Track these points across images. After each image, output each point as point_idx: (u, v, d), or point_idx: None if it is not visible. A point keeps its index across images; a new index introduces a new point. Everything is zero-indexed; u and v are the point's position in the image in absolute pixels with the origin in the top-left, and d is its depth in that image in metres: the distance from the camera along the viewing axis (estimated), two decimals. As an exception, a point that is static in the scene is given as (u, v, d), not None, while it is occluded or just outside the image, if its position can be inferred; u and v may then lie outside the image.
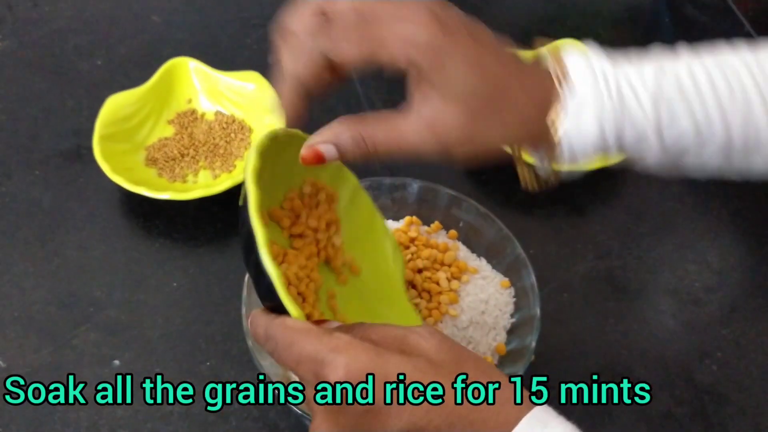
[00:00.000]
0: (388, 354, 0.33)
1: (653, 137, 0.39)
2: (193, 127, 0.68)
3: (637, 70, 0.38)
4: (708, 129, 0.38)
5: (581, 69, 0.39)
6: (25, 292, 0.59)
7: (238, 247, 0.61)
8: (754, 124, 0.39)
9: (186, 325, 0.57)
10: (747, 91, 0.38)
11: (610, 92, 0.38)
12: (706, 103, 0.38)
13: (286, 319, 0.36)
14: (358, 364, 0.32)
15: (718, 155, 0.40)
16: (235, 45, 0.78)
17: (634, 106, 0.38)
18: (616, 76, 0.38)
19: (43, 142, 0.69)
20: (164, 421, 0.53)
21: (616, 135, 0.39)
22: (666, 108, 0.38)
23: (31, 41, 0.78)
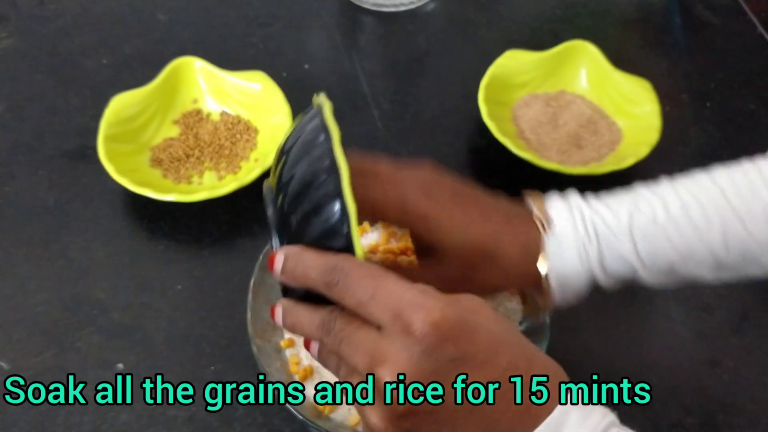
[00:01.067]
0: (477, 315, 0.33)
1: (638, 264, 0.43)
2: (198, 128, 0.68)
3: (612, 209, 0.43)
4: (690, 252, 0.42)
5: (562, 214, 0.43)
6: (29, 293, 0.58)
7: (242, 249, 0.61)
8: (737, 243, 0.42)
9: (190, 328, 0.57)
10: (723, 214, 0.42)
11: (588, 232, 0.43)
12: (682, 231, 0.42)
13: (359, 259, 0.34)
14: (449, 312, 0.32)
15: (710, 270, 0.43)
16: (241, 44, 0.77)
17: (612, 241, 0.43)
18: (593, 217, 0.43)
19: (48, 141, 0.68)
20: (167, 426, 0.52)
21: (601, 268, 0.43)
22: (642, 238, 0.43)
23: (35, 39, 0.78)
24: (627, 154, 0.65)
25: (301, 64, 0.76)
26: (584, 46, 0.71)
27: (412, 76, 0.76)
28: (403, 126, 0.71)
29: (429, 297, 0.32)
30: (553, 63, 0.72)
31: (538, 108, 0.69)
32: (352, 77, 0.75)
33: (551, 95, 0.71)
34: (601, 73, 0.71)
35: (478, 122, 0.67)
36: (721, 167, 0.45)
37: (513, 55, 0.71)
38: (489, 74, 0.69)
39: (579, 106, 0.70)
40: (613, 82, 0.70)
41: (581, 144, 0.67)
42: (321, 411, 0.48)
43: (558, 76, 0.72)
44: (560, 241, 0.43)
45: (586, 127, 0.68)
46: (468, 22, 0.81)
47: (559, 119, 0.69)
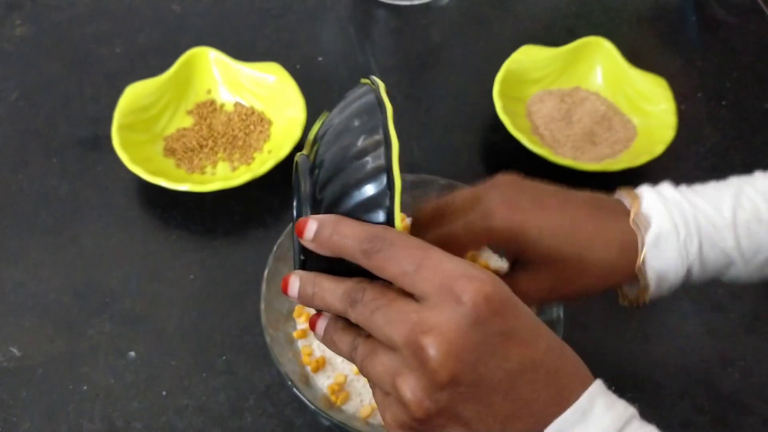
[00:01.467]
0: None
1: (738, 259, 0.44)
2: (212, 118, 0.68)
3: (712, 204, 0.43)
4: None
5: (660, 210, 0.43)
6: (41, 280, 0.59)
7: (255, 240, 0.61)
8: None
9: (202, 317, 0.57)
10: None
11: (689, 228, 0.43)
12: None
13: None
14: (499, 287, 0.32)
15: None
16: (255, 35, 0.77)
17: (714, 236, 0.43)
18: (694, 213, 0.43)
19: (61, 129, 0.68)
20: (179, 415, 0.52)
21: (699, 263, 0.44)
22: (745, 235, 0.43)
23: (49, 27, 0.78)
24: (641, 151, 0.64)
25: (314, 57, 0.76)
26: (600, 43, 0.71)
27: (425, 70, 0.76)
28: (417, 120, 0.71)
29: (478, 270, 0.32)
30: (568, 59, 0.71)
31: (553, 104, 0.69)
32: (366, 70, 0.75)
33: (566, 91, 0.71)
34: (617, 70, 0.70)
35: (492, 117, 0.66)
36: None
37: (528, 51, 0.70)
38: (504, 69, 0.68)
39: (593, 102, 0.70)
40: (628, 79, 0.70)
41: (595, 140, 0.67)
42: (333, 402, 0.48)
43: (573, 72, 0.72)
44: (659, 239, 0.42)
45: (600, 124, 0.68)
46: (482, 18, 0.81)
47: (573, 115, 0.69)
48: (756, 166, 0.54)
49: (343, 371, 0.50)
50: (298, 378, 0.48)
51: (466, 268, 0.32)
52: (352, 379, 0.49)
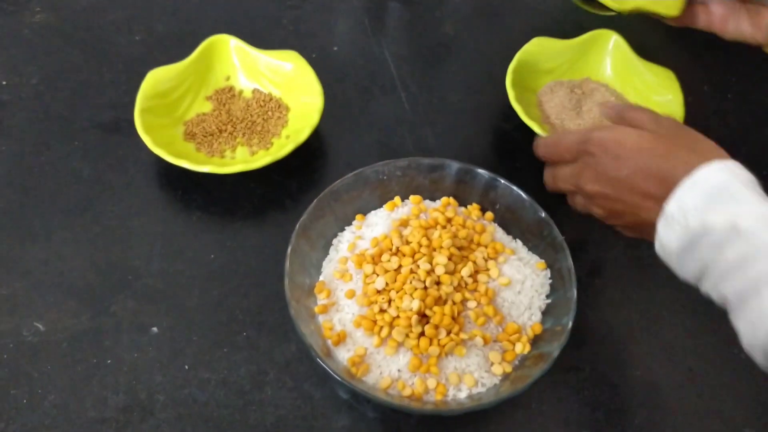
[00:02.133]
0: (625, 129, 0.47)
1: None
2: (230, 104, 0.69)
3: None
4: None
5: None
6: (65, 259, 0.60)
7: (275, 223, 0.63)
8: None
9: (223, 296, 0.58)
10: None
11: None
12: None
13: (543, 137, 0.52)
14: (603, 133, 0.48)
15: None
16: (272, 25, 0.79)
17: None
18: None
19: (82, 113, 0.70)
20: (201, 388, 0.53)
21: None
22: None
23: (68, 15, 0.79)
24: None
25: (330, 46, 0.77)
26: (609, 35, 0.73)
27: (438, 60, 0.77)
28: (430, 108, 0.73)
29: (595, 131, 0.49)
30: (578, 51, 0.73)
31: (563, 94, 0.71)
32: (381, 60, 0.76)
33: (576, 82, 0.73)
34: (626, 62, 0.72)
35: (503, 106, 0.68)
36: None
37: (540, 43, 0.72)
38: (516, 60, 0.70)
39: (603, 93, 0.71)
40: (636, 70, 0.72)
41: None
42: (353, 374, 0.50)
43: (583, 63, 0.74)
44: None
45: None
46: (494, 11, 0.82)
47: (583, 105, 0.70)
48: (761, 160, 0.56)
49: (363, 344, 0.51)
50: (320, 350, 0.49)
51: (586, 134, 0.49)
52: (372, 352, 0.51)
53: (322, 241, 0.57)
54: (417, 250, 0.53)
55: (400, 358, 0.50)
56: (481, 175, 0.58)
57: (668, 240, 0.43)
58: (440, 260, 0.52)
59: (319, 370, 0.54)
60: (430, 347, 0.50)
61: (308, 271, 0.55)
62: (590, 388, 0.55)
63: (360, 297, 0.53)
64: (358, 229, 0.57)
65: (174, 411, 0.52)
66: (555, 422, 0.53)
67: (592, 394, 0.55)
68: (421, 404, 0.48)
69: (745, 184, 0.42)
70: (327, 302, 0.54)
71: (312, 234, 0.55)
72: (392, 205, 0.58)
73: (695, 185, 0.42)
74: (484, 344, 0.51)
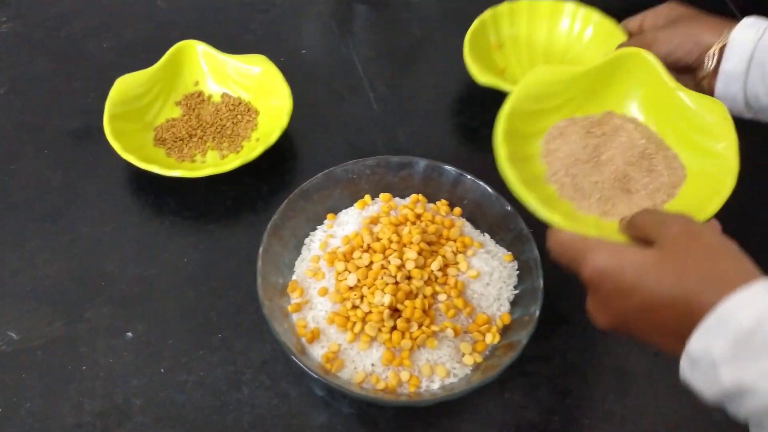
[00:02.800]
0: (625, 252, 0.41)
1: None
2: (200, 109, 0.70)
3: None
4: None
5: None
6: (38, 266, 0.60)
7: (247, 224, 0.63)
8: None
9: (197, 298, 0.59)
10: None
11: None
12: None
13: (554, 232, 0.45)
14: (599, 260, 0.41)
15: None
16: (240, 30, 0.79)
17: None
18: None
19: (52, 122, 0.70)
20: (178, 390, 0.54)
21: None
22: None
23: (36, 23, 0.79)
24: (690, 204, 0.50)
25: (298, 50, 0.78)
26: (640, 56, 0.55)
27: (407, 61, 0.79)
28: (399, 108, 0.74)
29: (592, 252, 0.42)
30: (598, 78, 0.56)
31: (577, 138, 0.54)
32: (349, 62, 0.77)
33: (595, 119, 0.56)
34: (660, 91, 0.55)
35: (471, 105, 0.69)
36: None
37: (544, 72, 0.55)
38: (512, 100, 0.53)
39: (630, 134, 0.55)
40: (675, 102, 0.54)
41: (630, 187, 0.52)
42: (328, 370, 0.51)
43: (605, 94, 0.57)
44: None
45: (638, 165, 0.53)
46: (460, 11, 0.84)
47: (603, 153, 0.54)
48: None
49: (337, 341, 0.52)
50: (294, 348, 0.50)
51: (585, 256, 0.42)
52: (345, 348, 0.52)
53: (294, 240, 0.58)
54: (387, 246, 0.54)
55: (373, 353, 0.51)
56: (449, 171, 0.59)
57: (697, 385, 0.38)
58: (410, 255, 0.53)
59: (294, 369, 0.55)
60: (402, 340, 0.51)
61: (281, 271, 0.56)
62: (561, 376, 0.56)
63: (333, 294, 0.53)
64: (329, 228, 0.58)
65: (151, 414, 0.53)
66: (528, 410, 0.54)
67: (562, 382, 0.56)
68: (395, 396, 0.49)
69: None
70: (300, 300, 0.54)
71: (284, 234, 0.56)
72: (362, 204, 0.59)
73: (720, 326, 0.36)
74: (455, 336, 0.52)
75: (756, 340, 0.34)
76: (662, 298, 0.38)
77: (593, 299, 0.43)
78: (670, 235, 0.40)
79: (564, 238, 0.44)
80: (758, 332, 0.34)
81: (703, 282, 0.37)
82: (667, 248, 0.40)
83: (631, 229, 0.45)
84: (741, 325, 0.35)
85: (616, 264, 0.40)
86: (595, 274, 0.41)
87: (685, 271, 0.38)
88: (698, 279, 0.38)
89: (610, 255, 0.41)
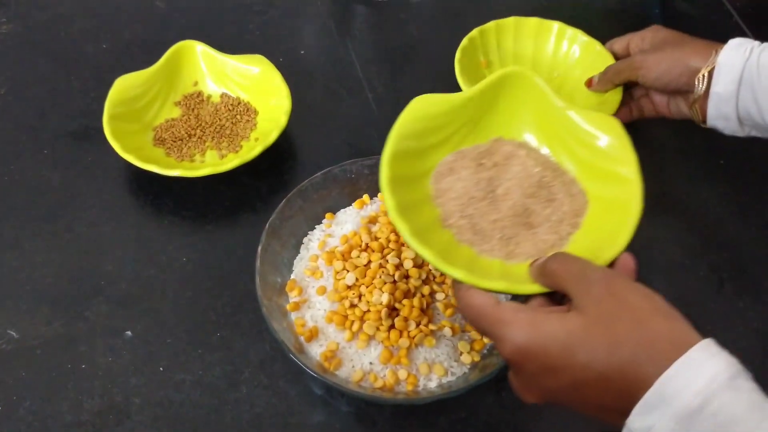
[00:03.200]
0: (545, 324, 0.37)
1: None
2: (199, 109, 0.70)
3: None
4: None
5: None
6: (37, 266, 0.60)
7: (245, 224, 0.63)
8: None
9: (196, 298, 0.59)
10: None
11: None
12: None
13: (462, 294, 0.41)
14: (519, 338, 0.37)
15: None
16: (239, 31, 0.80)
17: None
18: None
19: (51, 122, 0.70)
20: (176, 389, 0.54)
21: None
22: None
23: (35, 25, 0.79)
24: (598, 238, 0.45)
25: (297, 50, 0.78)
26: (522, 75, 0.51)
27: (404, 61, 0.79)
28: (398, 108, 0.73)
29: (509, 327, 0.38)
30: (481, 104, 0.51)
31: (468, 174, 0.49)
32: (347, 62, 0.77)
33: (483, 149, 0.51)
34: (550, 112, 0.50)
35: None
36: None
37: (421, 107, 0.50)
38: (392, 141, 0.48)
39: (523, 161, 0.50)
40: (566, 123, 0.50)
41: (533, 222, 0.48)
42: (326, 368, 0.51)
43: (490, 120, 0.52)
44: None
45: (536, 195, 0.48)
46: (457, 12, 0.84)
47: (497, 187, 0.49)
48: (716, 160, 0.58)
49: (335, 339, 0.52)
50: (293, 346, 0.50)
51: (501, 332, 0.39)
52: (343, 346, 0.52)
53: (292, 240, 0.58)
54: (385, 245, 0.54)
55: (371, 351, 0.52)
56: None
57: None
58: (408, 254, 0.53)
59: (293, 368, 0.55)
60: (400, 339, 0.51)
61: (280, 270, 0.56)
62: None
63: (331, 293, 0.54)
64: (327, 228, 0.59)
65: (150, 413, 0.53)
66: (525, 409, 0.54)
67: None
68: (393, 395, 0.50)
69: (727, 388, 0.33)
70: (299, 299, 0.54)
71: (282, 233, 0.56)
72: (361, 203, 0.59)
73: (663, 403, 0.33)
74: (453, 334, 0.52)
75: (704, 421, 0.32)
76: (595, 375, 0.35)
77: (517, 378, 0.40)
78: (592, 299, 0.37)
79: (475, 302, 0.40)
80: (705, 412, 0.32)
81: (637, 352, 0.34)
82: (592, 315, 0.36)
83: (544, 278, 0.41)
84: (685, 403, 0.33)
85: (539, 342, 0.37)
86: (517, 354, 0.37)
87: (615, 342, 0.35)
88: (631, 349, 0.35)
89: (530, 330, 0.37)
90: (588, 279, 0.38)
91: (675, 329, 0.35)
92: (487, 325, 0.39)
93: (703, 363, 0.33)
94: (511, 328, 0.38)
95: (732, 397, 0.32)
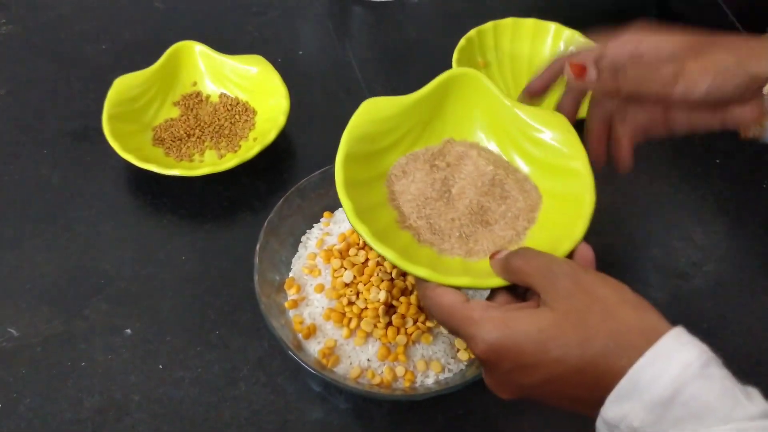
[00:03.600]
0: (516, 322, 0.37)
1: None
2: (198, 109, 0.70)
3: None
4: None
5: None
6: (36, 265, 0.60)
7: (244, 223, 0.64)
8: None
9: (195, 296, 0.59)
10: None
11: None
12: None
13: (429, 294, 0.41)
14: (492, 337, 0.37)
15: None
16: (237, 32, 0.80)
17: None
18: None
19: (50, 122, 0.70)
20: (176, 387, 0.54)
21: None
22: None
23: (35, 26, 0.80)
24: (554, 231, 0.46)
25: (295, 51, 0.79)
26: (468, 76, 0.51)
27: (402, 62, 0.79)
28: (395, 108, 0.74)
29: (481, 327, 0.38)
30: (430, 106, 0.52)
31: (422, 175, 0.50)
32: (345, 63, 0.78)
33: (435, 150, 0.51)
34: (498, 110, 0.51)
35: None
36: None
37: (371, 109, 0.50)
38: (342, 155, 0.48)
39: (475, 160, 0.50)
40: (515, 121, 0.50)
41: (489, 219, 0.48)
42: (324, 365, 0.51)
43: (440, 121, 0.52)
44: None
45: (490, 193, 0.49)
46: (455, 13, 0.85)
47: (452, 187, 0.49)
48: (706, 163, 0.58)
49: (333, 336, 0.52)
50: (291, 344, 0.50)
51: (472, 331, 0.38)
52: (341, 343, 0.52)
53: (291, 238, 0.58)
54: (383, 243, 0.55)
55: (369, 348, 0.52)
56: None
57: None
58: (406, 252, 0.54)
59: (291, 365, 0.55)
60: (397, 336, 0.51)
61: (278, 268, 0.56)
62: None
63: (329, 291, 0.54)
64: (325, 226, 0.59)
65: (149, 410, 0.53)
66: (522, 405, 0.55)
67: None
68: (390, 391, 0.50)
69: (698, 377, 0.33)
70: (297, 297, 0.55)
71: (281, 232, 0.57)
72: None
73: (636, 392, 0.34)
74: (450, 332, 0.53)
75: (676, 410, 0.33)
76: (569, 369, 0.36)
77: (491, 376, 0.39)
78: (560, 293, 0.37)
79: (444, 301, 0.40)
80: (677, 401, 0.33)
81: (608, 344, 0.35)
82: (562, 310, 0.36)
83: (508, 274, 0.41)
84: (658, 392, 0.33)
85: (511, 340, 0.37)
86: (490, 353, 0.37)
87: (587, 335, 0.35)
88: (603, 342, 0.35)
89: (502, 328, 0.37)
90: (554, 273, 0.38)
91: (645, 319, 0.36)
92: (456, 324, 0.39)
93: (674, 352, 0.34)
94: (482, 327, 0.38)
95: (703, 386, 0.33)
